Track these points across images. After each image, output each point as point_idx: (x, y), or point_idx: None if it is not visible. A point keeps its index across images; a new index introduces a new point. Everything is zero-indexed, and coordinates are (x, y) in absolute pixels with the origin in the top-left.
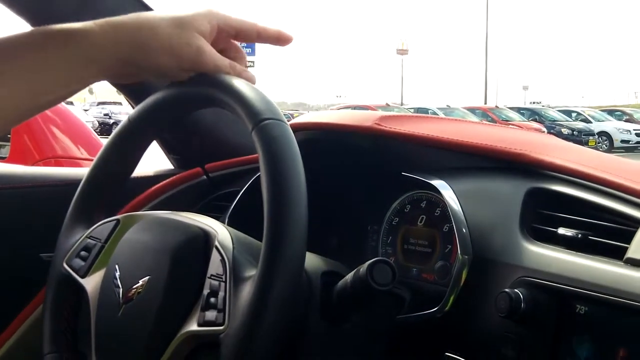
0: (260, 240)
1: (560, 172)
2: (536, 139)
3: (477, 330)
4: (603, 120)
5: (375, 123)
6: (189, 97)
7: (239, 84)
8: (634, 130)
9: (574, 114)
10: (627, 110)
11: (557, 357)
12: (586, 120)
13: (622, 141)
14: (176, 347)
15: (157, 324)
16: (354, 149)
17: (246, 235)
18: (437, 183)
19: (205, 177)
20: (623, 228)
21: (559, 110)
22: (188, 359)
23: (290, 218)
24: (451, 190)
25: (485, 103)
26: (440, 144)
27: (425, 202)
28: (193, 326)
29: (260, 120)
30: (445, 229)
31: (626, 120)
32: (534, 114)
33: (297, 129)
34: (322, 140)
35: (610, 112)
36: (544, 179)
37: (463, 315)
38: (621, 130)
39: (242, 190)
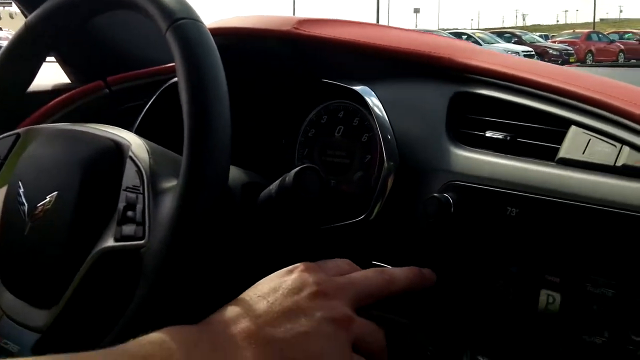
0: None
1: (486, 75)
2: (460, 44)
3: (405, 237)
4: (493, 43)
5: (294, 27)
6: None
7: None
8: (522, 52)
9: (464, 37)
10: (517, 32)
11: (488, 258)
12: (476, 43)
13: None
14: (92, 264)
15: (69, 241)
16: (273, 56)
17: (160, 146)
18: (361, 89)
19: (107, 90)
20: (553, 129)
21: (449, 33)
22: (105, 275)
23: (213, 126)
24: (375, 97)
25: None
26: (362, 48)
27: (342, 111)
28: (109, 242)
29: (175, 20)
30: (364, 138)
31: (515, 42)
32: None
33: (212, 34)
34: (238, 47)
35: (500, 34)
36: (470, 83)
37: (390, 223)
38: (510, 52)
39: (149, 103)
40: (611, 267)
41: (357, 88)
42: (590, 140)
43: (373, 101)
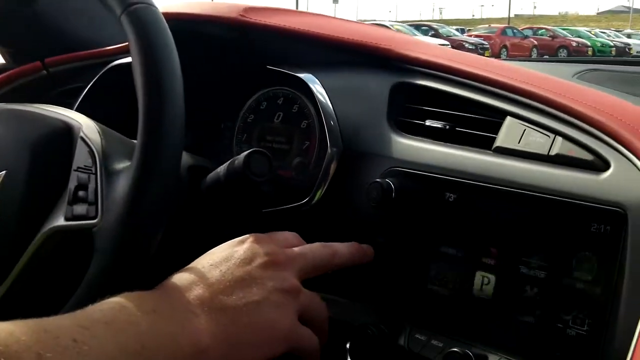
0: None
1: (425, 67)
2: (401, 36)
3: (347, 221)
4: (411, 35)
5: (240, 14)
6: None
7: None
8: (439, 44)
9: None
10: (434, 25)
11: (428, 243)
12: None
13: None
14: (40, 243)
15: (16, 220)
16: (218, 43)
17: (109, 129)
18: (305, 76)
19: (45, 72)
20: (489, 119)
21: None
22: (54, 255)
23: (168, 108)
24: (319, 84)
25: None
26: (307, 37)
27: (282, 98)
28: (59, 221)
29: (130, 4)
30: (303, 125)
31: (432, 35)
32: None
33: None
34: (185, 32)
35: (417, 26)
36: (410, 74)
37: (332, 207)
38: None
39: (89, 86)
40: (543, 250)
41: (302, 75)
42: (525, 130)
43: (317, 88)
